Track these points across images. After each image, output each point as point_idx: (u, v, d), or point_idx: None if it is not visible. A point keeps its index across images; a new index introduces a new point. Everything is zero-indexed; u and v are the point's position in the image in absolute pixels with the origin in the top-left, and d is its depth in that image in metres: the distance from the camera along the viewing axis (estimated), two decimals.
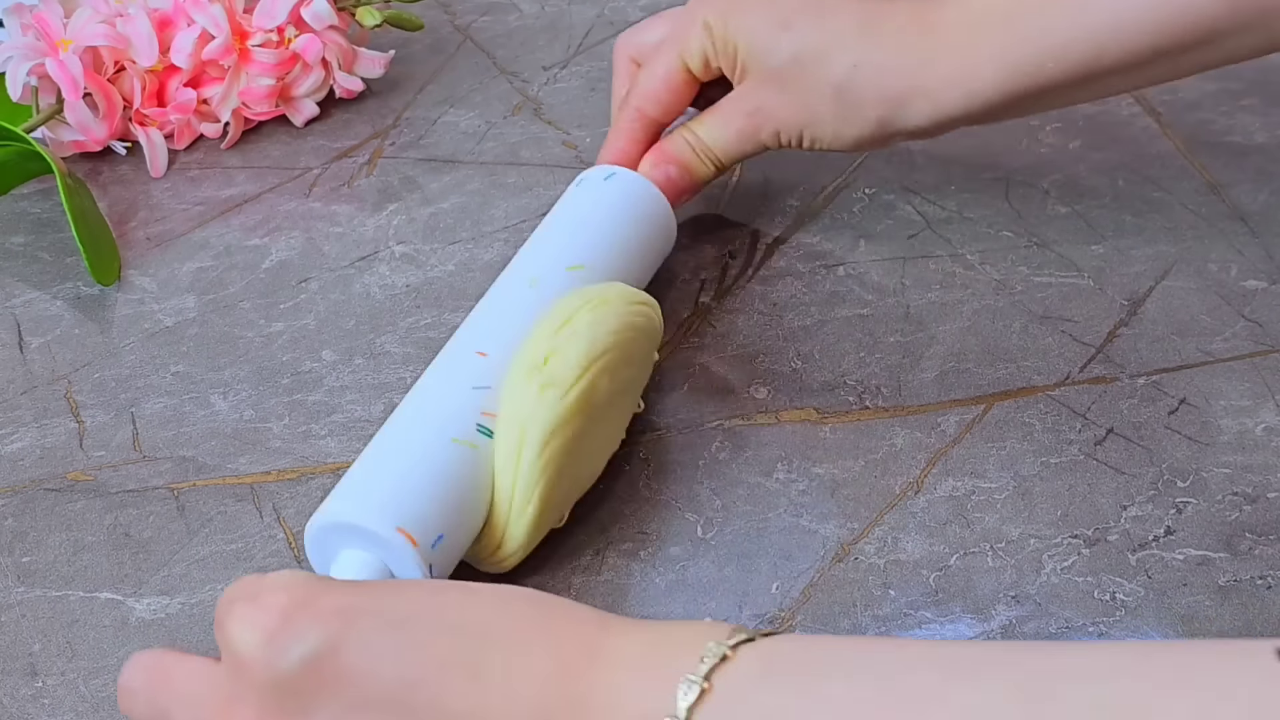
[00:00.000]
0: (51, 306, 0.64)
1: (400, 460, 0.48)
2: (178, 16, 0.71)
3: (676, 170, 0.61)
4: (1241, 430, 0.55)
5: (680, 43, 0.60)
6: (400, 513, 0.46)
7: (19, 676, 0.49)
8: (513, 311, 0.53)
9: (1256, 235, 0.64)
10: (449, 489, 0.48)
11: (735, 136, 0.60)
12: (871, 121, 0.57)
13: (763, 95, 0.58)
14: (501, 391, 0.50)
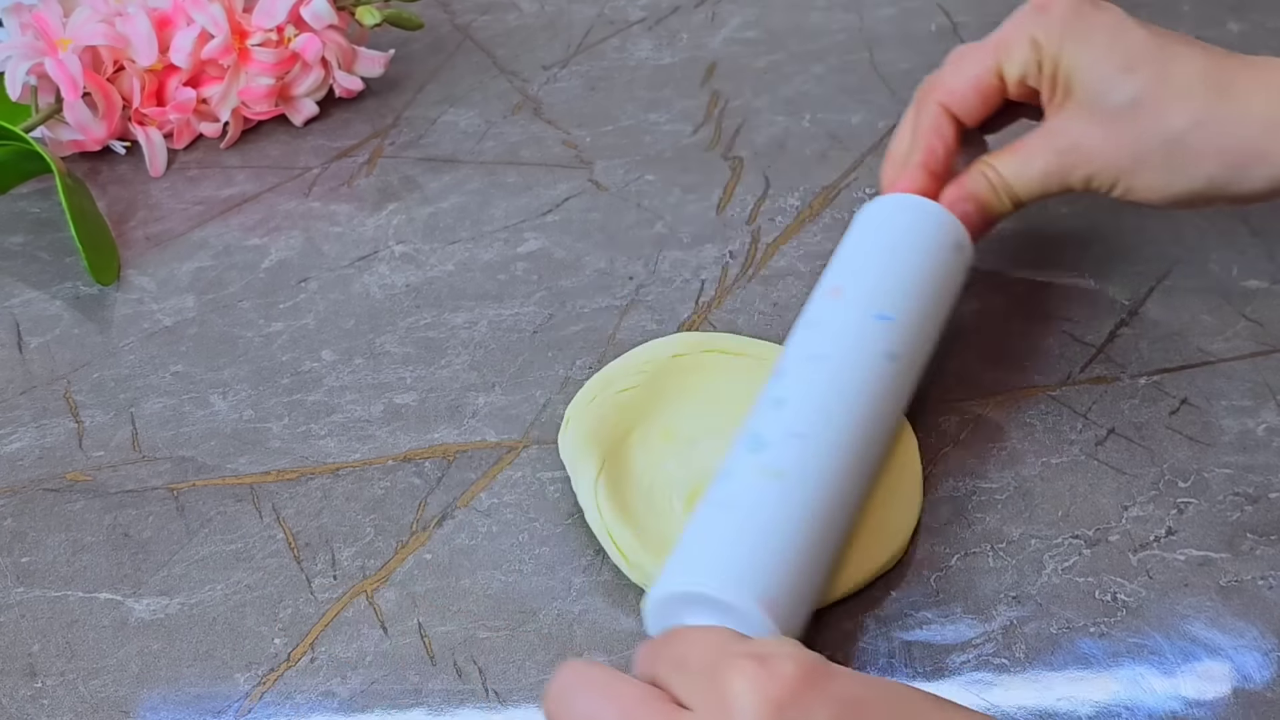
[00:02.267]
0: (50, 306, 0.64)
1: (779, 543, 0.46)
2: (177, 16, 0.70)
3: (975, 209, 0.57)
4: (1243, 430, 0.55)
5: (1001, 50, 0.56)
6: (761, 588, 0.45)
7: (18, 677, 0.49)
8: (876, 387, 0.51)
9: (1258, 235, 0.64)
10: (812, 570, 0.47)
11: (1040, 175, 0.56)
12: (1202, 180, 0.54)
13: (1083, 135, 0.55)
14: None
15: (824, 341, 0.51)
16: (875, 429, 0.50)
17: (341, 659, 0.49)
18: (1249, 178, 0.53)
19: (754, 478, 0.47)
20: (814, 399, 0.49)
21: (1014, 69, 0.56)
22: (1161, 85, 0.53)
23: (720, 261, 0.64)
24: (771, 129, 0.72)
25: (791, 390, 0.50)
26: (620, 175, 0.69)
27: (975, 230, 0.57)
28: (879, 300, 0.52)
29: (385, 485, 0.55)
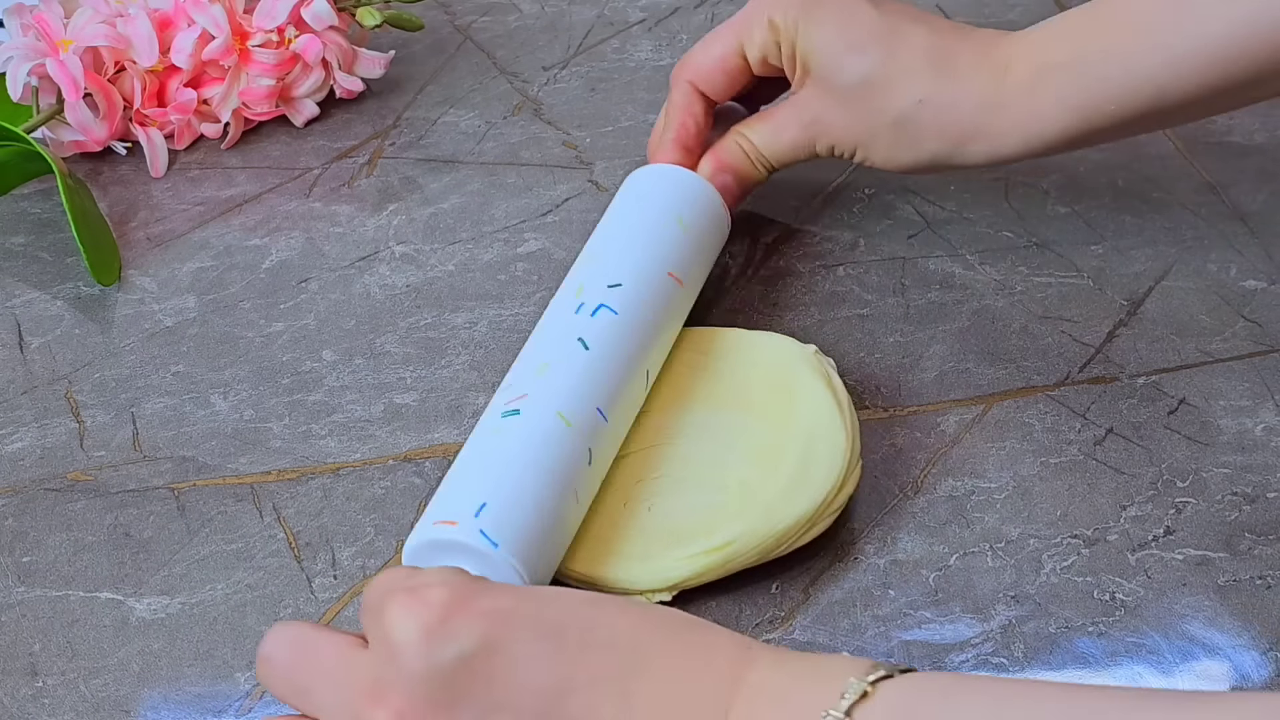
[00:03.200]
0: (52, 306, 0.64)
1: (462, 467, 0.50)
2: (178, 17, 0.71)
3: (733, 179, 0.61)
4: (1241, 430, 0.55)
5: (741, 32, 0.60)
6: (442, 505, 0.48)
7: (19, 676, 0.49)
8: (620, 347, 0.53)
9: (1256, 235, 0.64)
10: (493, 465, 0.49)
11: (789, 145, 0.60)
12: (927, 154, 0.57)
13: (823, 109, 0.58)
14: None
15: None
16: (598, 374, 0.52)
17: None
18: (968, 153, 0.57)
19: (493, 421, 0.50)
20: (569, 380, 0.52)
21: (754, 50, 0.60)
22: (888, 65, 0.57)
23: (720, 261, 0.64)
24: None
25: (553, 359, 0.52)
26: (620, 176, 0.69)
27: (734, 197, 0.61)
28: (610, 263, 0.56)
29: (386, 485, 0.55)
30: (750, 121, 0.61)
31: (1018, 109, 0.55)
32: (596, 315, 0.53)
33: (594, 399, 0.51)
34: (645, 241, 0.57)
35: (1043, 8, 0.79)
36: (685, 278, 0.57)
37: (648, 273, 0.55)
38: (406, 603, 0.40)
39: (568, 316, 0.54)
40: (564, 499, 0.49)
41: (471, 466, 0.49)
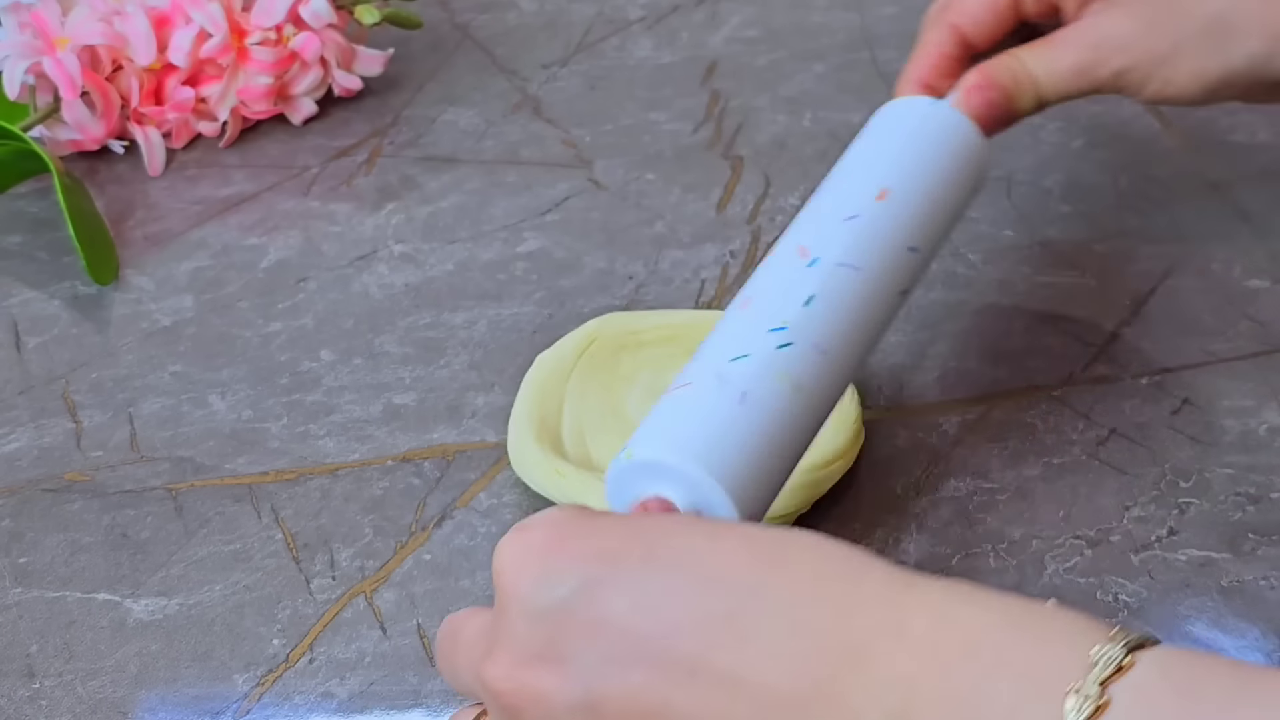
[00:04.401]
0: (49, 306, 0.64)
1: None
2: (175, 15, 0.70)
3: (999, 96, 0.53)
4: (1244, 430, 0.55)
5: None
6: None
7: (16, 678, 0.49)
8: (886, 318, 0.49)
9: (1259, 235, 0.64)
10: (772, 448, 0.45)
11: (1070, 70, 0.53)
12: (1243, 59, 0.51)
13: (1116, 25, 0.52)
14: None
15: (858, 250, 0.49)
16: (869, 350, 0.49)
17: (340, 660, 0.49)
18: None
19: (772, 381, 0.45)
20: (841, 318, 0.47)
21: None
22: None
23: (720, 261, 0.64)
24: (772, 128, 0.72)
25: (822, 291, 0.47)
26: (620, 175, 0.69)
27: (993, 123, 0.54)
28: (908, 227, 0.50)
29: (384, 485, 0.55)
30: (1025, 45, 0.54)
31: None
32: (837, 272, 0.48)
33: (844, 368, 0.47)
34: (930, 209, 0.51)
35: None
36: (923, 247, 0.51)
37: (889, 245, 0.49)
38: (510, 547, 0.37)
39: (814, 268, 0.48)
40: (794, 456, 0.46)
41: (775, 294, 0.46)
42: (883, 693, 0.31)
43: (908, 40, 0.77)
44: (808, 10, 0.80)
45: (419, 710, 0.48)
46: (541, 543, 0.37)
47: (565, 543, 0.36)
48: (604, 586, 0.35)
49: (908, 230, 0.49)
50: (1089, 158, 0.69)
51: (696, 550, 0.36)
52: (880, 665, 0.31)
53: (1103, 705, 0.29)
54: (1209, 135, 0.70)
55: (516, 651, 0.36)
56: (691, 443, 0.43)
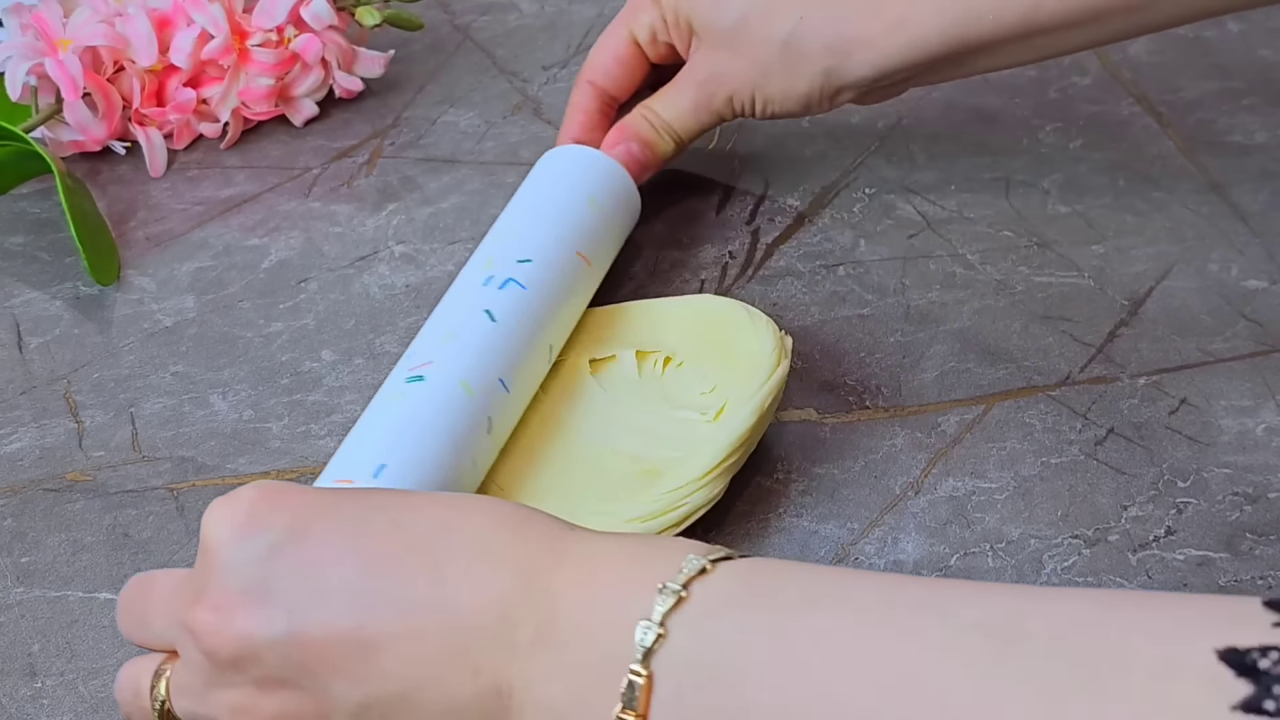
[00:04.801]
0: (50, 306, 0.64)
1: (435, 449, 0.50)
2: (177, 16, 0.70)
3: (638, 147, 0.62)
4: (1242, 430, 0.55)
5: (629, 17, 0.63)
6: (340, 465, 0.49)
7: (18, 677, 0.49)
8: (521, 315, 0.54)
9: (1257, 235, 0.64)
10: (393, 428, 0.50)
11: (691, 108, 0.61)
12: (818, 74, 0.59)
13: (714, 61, 0.60)
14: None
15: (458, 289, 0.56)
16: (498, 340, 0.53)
17: None
18: (856, 64, 0.58)
19: (397, 385, 0.51)
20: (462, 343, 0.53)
21: (643, 30, 0.62)
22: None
23: (720, 261, 0.64)
24: (771, 129, 0.72)
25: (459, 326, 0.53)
26: None
27: (639, 168, 0.62)
28: (519, 239, 0.57)
29: None
30: (654, 95, 0.63)
31: (896, 10, 0.57)
32: (505, 288, 0.54)
33: (497, 369, 0.52)
34: (554, 219, 0.58)
35: None
36: (593, 256, 0.58)
37: (556, 250, 0.56)
38: (219, 506, 0.40)
39: (475, 288, 0.55)
40: (461, 464, 0.49)
41: (373, 428, 0.50)
42: (537, 605, 0.37)
43: None
44: None
45: None
46: (251, 498, 0.40)
47: (274, 498, 0.40)
48: (307, 530, 0.39)
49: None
50: (1087, 158, 0.69)
51: (392, 502, 0.40)
52: (539, 581, 0.38)
53: (683, 599, 0.36)
54: (1207, 136, 0.70)
55: (221, 594, 0.39)
56: (378, 478, 0.48)
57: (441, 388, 0.50)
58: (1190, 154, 0.69)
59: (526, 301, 0.54)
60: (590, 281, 0.58)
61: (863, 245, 0.65)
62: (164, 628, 0.42)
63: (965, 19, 0.56)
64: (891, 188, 0.68)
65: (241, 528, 0.39)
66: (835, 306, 0.62)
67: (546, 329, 0.55)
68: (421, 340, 0.54)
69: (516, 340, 0.53)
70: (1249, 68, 0.74)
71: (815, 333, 0.60)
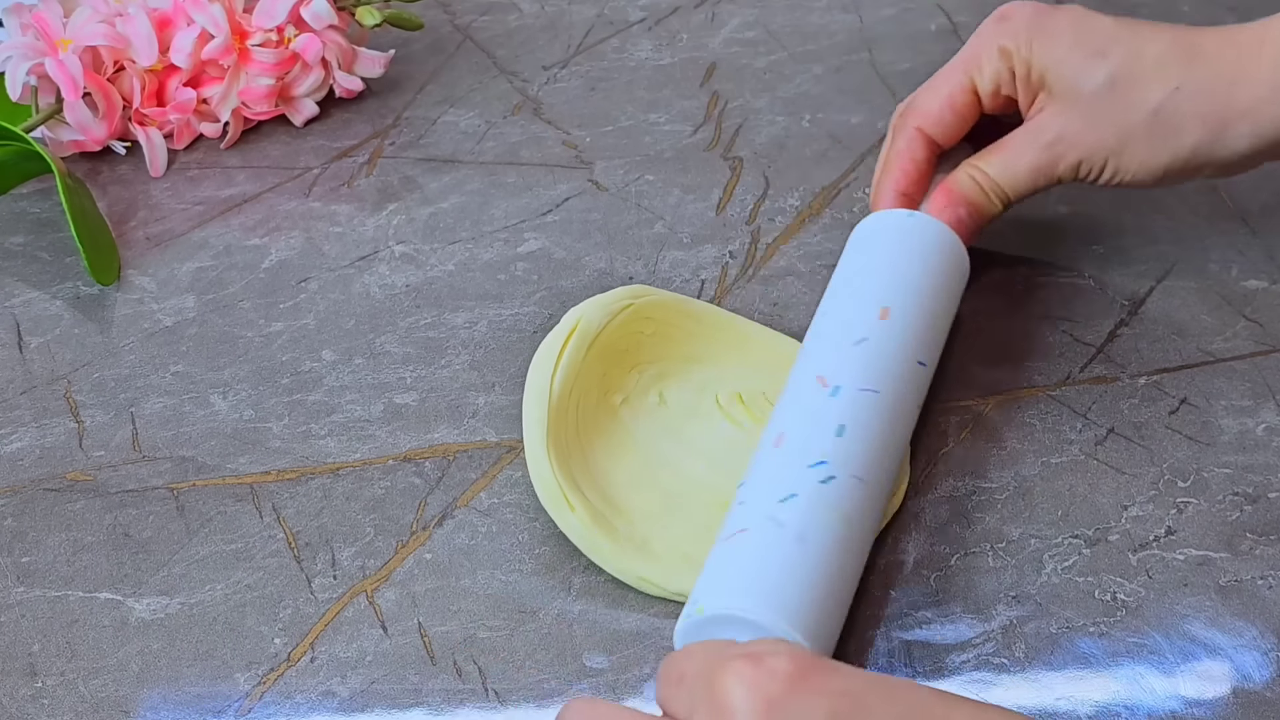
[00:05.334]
0: (51, 306, 0.64)
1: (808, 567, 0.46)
2: (177, 16, 0.71)
3: (967, 212, 0.57)
4: (1242, 430, 0.55)
5: (971, 64, 0.58)
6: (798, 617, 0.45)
7: (18, 676, 0.49)
8: (909, 430, 0.52)
9: (1257, 235, 0.64)
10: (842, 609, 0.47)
11: (1029, 171, 0.57)
12: (1188, 148, 0.55)
13: (1065, 124, 0.56)
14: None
15: (873, 373, 0.51)
16: (896, 468, 0.51)
17: (341, 659, 0.49)
18: (1232, 138, 0.54)
19: (824, 516, 0.47)
20: (872, 443, 0.49)
21: (987, 81, 0.57)
22: (1135, 63, 0.55)
23: (720, 261, 0.64)
24: (771, 129, 0.72)
25: (851, 419, 0.49)
26: (620, 175, 0.69)
27: (967, 234, 0.58)
28: (918, 340, 0.53)
29: (385, 485, 0.55)
30: (982, 153, 0.58)
31: (1275, 76, 0.53)
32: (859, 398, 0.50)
33: (881, 472, 0.49)
34: (897, 330, 0.53)
35: None
36: (930, 360, 0.54)
37: (902, 364, 0.52)
38: (747, 671, 0.38)
39: (821, 398, 0.51)
40: (852, 587, 0.48)
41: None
42: None
43: (906, 41, 0.78)
44: (807, 12, 0.80)
45: (420, 709, 0.48)
46: (788, 672, 0.38)
47: (810, 678, 0.38)
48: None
49: (913, 346, 0.52)
50: None
51: (933, 710, 0.38)
52: None
53: None
54: None
55: None
56: (761, 591, 0.44)
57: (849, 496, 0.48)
58: None
59: (881, 409, 0.50)
60: (928, 380, 0.55)
61: None
62: None
63: None
64: None
65: (776, 705, 0.37)
66: None
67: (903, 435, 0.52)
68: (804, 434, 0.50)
69: (887, 445, 0.50)
70: None
71: None
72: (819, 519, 0.46)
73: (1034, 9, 0.57)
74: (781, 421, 0.50)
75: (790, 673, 0.38)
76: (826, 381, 0.50)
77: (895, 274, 0.55)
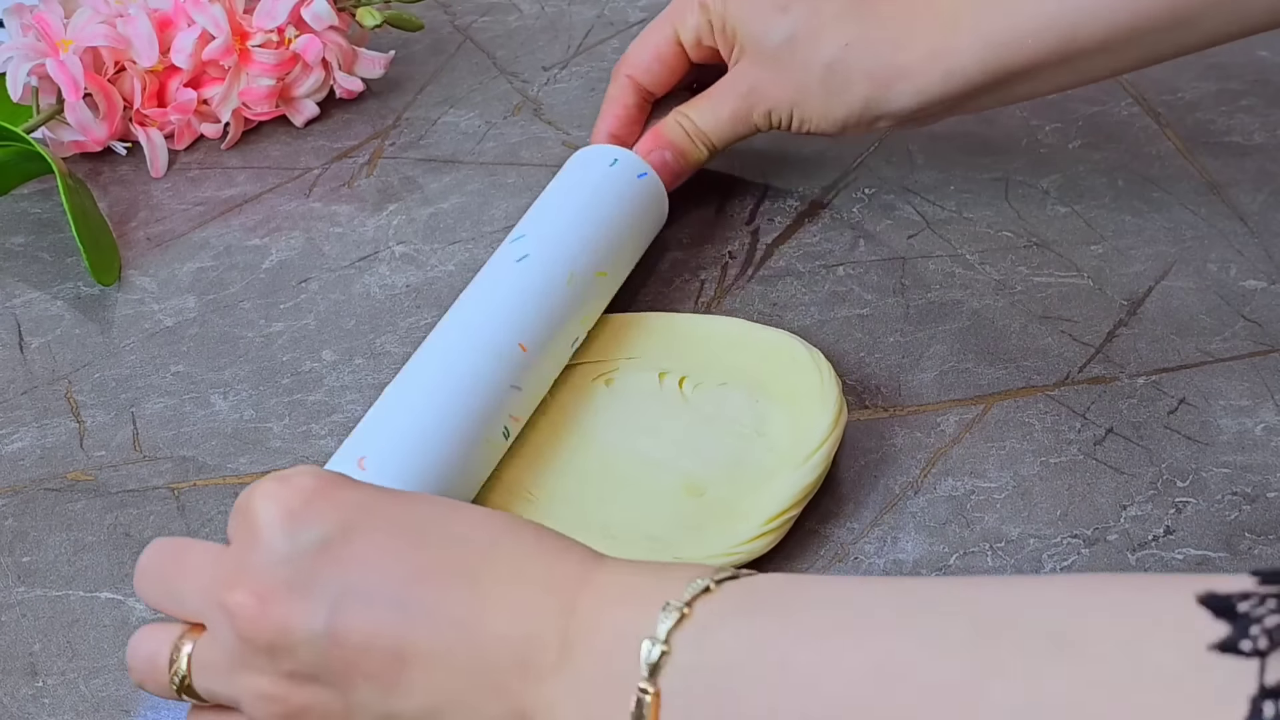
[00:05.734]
0: (52, 306, 0.65)
1: (431, 445, 0.50)
2: (178, 17, 0.71)
3: (672, 155, 0.62)
4: (1241, 430, 0.55)
5: (675, 17, 0.63)
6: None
7: (19, 676, 0.49)
8: (550, 308, 0.55)
9: (1256, 235, 0.64)
10: (467, 482, 0.50)
11: (729, 118, 0.62)
12: (859, 100, 0.59)
13: (757, 75, 0.61)
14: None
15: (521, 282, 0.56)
16: (532, 336, 0.54)
17: None
18: (896, 94, 0.58)
19: (423, 363, 0.53)
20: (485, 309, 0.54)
21: (689, 33, 0.63)
22: (812, 19, 0.59)
23: (720, 261, 0.64)
24: None
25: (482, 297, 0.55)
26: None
27: (671, 176, 0.63)
28: (551, 224, 0.58)
29: None
30: (690, 102, 0.63)
31: (936, 41, 0.57)
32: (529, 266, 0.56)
33: (520, 333, 0.53)
34: (587, 226, 0.58)
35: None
36: (612, 269, 0.59)
37: (587, 260, 0.57)
38: (271, 488, 0.41)
39: (509, 264, 0.56)
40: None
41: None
42: (562, 630, 0.38)
43: None
44: None
45: None
46: (307, 487, 0.41)
47: (329, 491, 0.40)
48: (359, 531, 0.40)
49: (566, 256, 0.57)
50: (1086, 159, 0.69)
51: (445, 514, 0.41)
52: (566, 606, 0.38)
53: (685, 615, 0.36)
54: (1206, 136, 0.70)
55: (265, 581, 0.39)
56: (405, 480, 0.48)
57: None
58: (1189, 154, 0.69)
59: (550, 283, 0.55)
60: (609, 289, 0.59)
61: (862, 245, 0.65)
62: (195, 601, 0.42)
63: (1003, 46, 0.56)
64: (891, 188, 0.68)
65: (294, 516, 0.40)
66: (835, 306, 0.62)
67: (569, 325, 0.56)
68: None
69: (541, 317, 0.54)
70: (1247, 68, 0.74)
71: (815, 333, 0.60)
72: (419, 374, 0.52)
73: None
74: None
75: (310, 487, 0.40)
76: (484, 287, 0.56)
77: (573, 196, 0.60)
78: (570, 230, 0.58)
